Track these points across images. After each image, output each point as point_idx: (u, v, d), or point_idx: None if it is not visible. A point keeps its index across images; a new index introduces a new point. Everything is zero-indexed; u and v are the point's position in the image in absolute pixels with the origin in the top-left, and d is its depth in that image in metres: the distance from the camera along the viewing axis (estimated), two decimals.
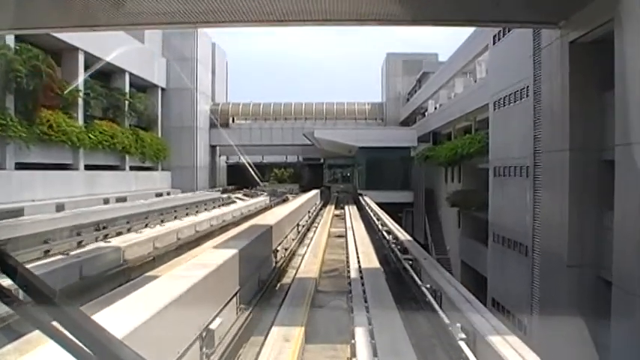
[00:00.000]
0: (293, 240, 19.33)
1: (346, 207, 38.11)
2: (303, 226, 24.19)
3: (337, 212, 37.02)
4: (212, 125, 63.55)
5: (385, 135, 44.71)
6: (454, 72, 36.09)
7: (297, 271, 14.34)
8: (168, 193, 51.50)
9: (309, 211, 28.79)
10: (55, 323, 1.26)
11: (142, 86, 52.64)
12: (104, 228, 22.07)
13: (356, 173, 52.85)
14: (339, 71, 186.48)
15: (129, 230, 21.71)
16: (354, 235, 21.69)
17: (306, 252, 17.30)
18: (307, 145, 58.88)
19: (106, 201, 39.13)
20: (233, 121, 64.64)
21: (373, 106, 63.79)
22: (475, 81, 31.73)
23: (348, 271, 14.00)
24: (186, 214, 29.41)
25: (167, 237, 19.48)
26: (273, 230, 14.21)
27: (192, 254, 15.44)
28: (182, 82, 58.04)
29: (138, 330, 4.86)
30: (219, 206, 34.81)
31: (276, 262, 14.53)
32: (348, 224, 25.71)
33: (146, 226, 23.22)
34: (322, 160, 69.05)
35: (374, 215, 26.50)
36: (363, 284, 11.59)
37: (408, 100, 58.82)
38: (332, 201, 46.08)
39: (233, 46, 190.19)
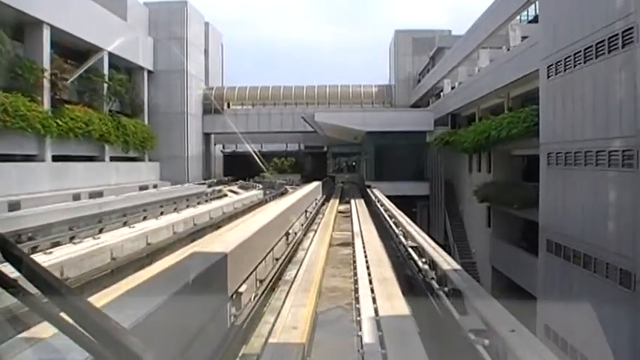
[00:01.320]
0: (276, 261, 13.50)
1: (352, 201, 32.38)
2: (296, 233, 18.43)
3: (342, 208, 31.31)
4: (205, 111, 57.86)
5: (396, 118, 38.93)
6: (478, 42, 30.13)
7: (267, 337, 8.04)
8: (155, 186, 45.93)
9: (306, 211, 22.99)
10: (61, 314, 1.25)
11: (124, 68, 46.91)
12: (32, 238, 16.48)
13: (363, 162, 46.58)
14: (342, 55, 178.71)
15: (72, 239, 15.99)
16: (363, 245, 16.03)
17: (291, 286, 11.16)
18: (309, 131, 53.07)
19: (76, 197, 33.67)
20: (229, 106, 58.78)
21: (381, 89, 57.76)
22: (508, 49, 25.87)
23: (359, 325, 8.22)
24: (161, 214, 23.93)
25: (94, 259, 13.43)
26: (234, 258, 8.51)
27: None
28: (171, 64, 52.32)
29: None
30: (200, 203, 29.12)
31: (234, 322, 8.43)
32: (356, 227, 19.98)
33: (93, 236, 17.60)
34: (325, 148, 63.05)
35: (389, 216, 20.64)
36: None
37: (419, 81, 52.80)
38: (336, 194, 40.34)
39: (230, 30, 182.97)
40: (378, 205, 24.23)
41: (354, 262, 13.89)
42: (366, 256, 14.38)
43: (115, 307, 4.69)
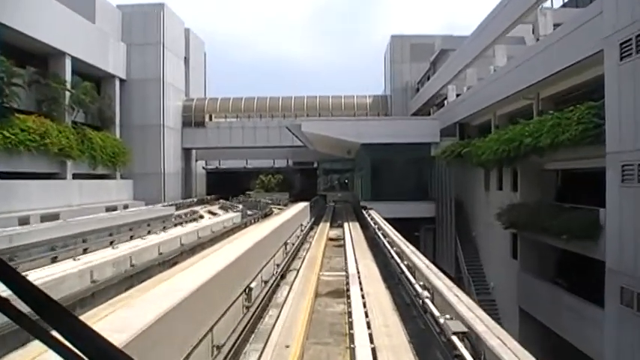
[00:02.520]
0: (217, 350, 8.18)
1: (346, 225, 27.23)
2: (267, 282, 13.09)
3: (333, 234, 26.12)
4: (185, 124, 52.62)
5: (396, 128, 33.12)
6: (494, 37, 25.09)
7: None
8: (126, 207, 40.50)
9: (286, 245, 17.66)
10: (53, 332, 1.20)
11: (92, 75, 41.76)
12: None
13: (357, 180, 40.93)
14: (334, 66, 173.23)
15: None
16: (363, 297, 10.90)
17: None
18: (298, 146, 47.87)
19: (24, 220, 28.34)
20: (210, 119, 53.55)
21: (375, 99, 52.64)
22: (537, 39, 20.88)
23: None
24: (110, 243, 18.61)
25: None
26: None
27: None
28: (147, 72, 47.19)
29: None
30: (165, 228, 23.71)
31: None
32: (351, 264, 14.71)
33: None
34: (316, 164, 57.68)
35: (396, 253, 15.33)
36: None
37: (417, 90, 47.75)
38: (327, 215, 35.13)
39: (213, 39, 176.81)
40: (379, 233, 18.94)
41: (352, 333, 8.69)
42: (368, 323, 9.21)
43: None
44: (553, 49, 17.30)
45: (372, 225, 21.51)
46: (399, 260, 12.55)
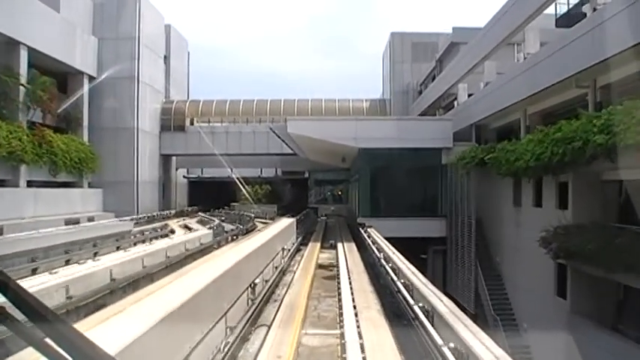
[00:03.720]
0: None
1: (340, 246, 22.02)
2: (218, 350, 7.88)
3: (324, 258, 20.86)
4: (165, 128, 47.33)
5: (401, 129, 27.06)
6: (527, 16, 19.99)
7: None
8: (91, 219, 35.11)
9: (253, 287, 12.34)
10: (47, 340, 1.21)
11: (56, 71, 36.43)
12: None
13: (354, 192, 35.29)
14: (329, 75, 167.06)
15: None
16: None
17: None
18: (287, 154, 42.66)
19: None
20: (192, 123, 48.23)
21: (373, 103, 47.36)
22: (594, 9, 15.82)
23: None
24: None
25: None
26: None
27: None
28: (120, 70, 41.96)
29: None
30: (112, 251, 18.38)
31: None
32: (349, 320, 9.46)
33: None
34: (307, 174, 52.28)
35: (413, 301, 10.05)
36: None
37: (420, 92, 42.62)
38: (317, 233, 29.87)
39: (198, 40, 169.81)
40: (387, 266, 13.59)
41: None
42: None
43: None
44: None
45: (375, 252, 16.20)
46: (435, 335, 7.20)
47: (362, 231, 22.86)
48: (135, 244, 20.13)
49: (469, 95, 30.14)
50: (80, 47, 38.95)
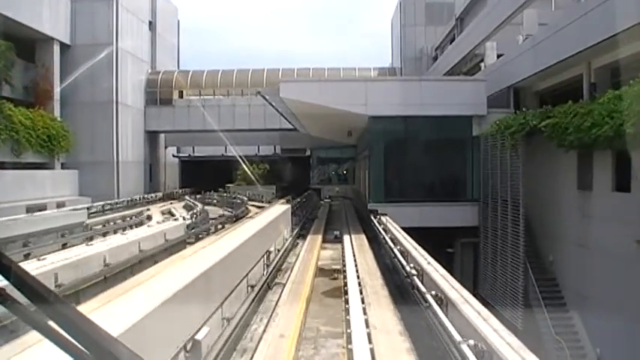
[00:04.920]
0: None
1: (346, 239, 17.19)
2: None
3: (327, 257, 16.01)
4: (151, 102, 42.28)
5: (422, 92, 21.41)
6: None
7: None
8: (61, 205, 30.32)
9: (244, 284, 7.55)
10: (51, 323, 1.21)
11: (21, 37, 31.38)
12: None
13: (362, 172, 29.72)
14: (329, 45, 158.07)
15: None
16: None
17: None
18: (287, 129, 37.64)
19: None
20: (181, 96, 43.09)
21: (382, 71, 41.82)
22: None
23: None
24: None
25: None
26: None
27: None
28: (97, 36, 36.81)
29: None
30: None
31: None
32: None
33: None
34: (309, 152, 47.05)
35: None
36: None
37: (435, 58, 37.27)
38: (320, 220, 24.92)
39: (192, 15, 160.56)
40: (421, 287, 8.62)
41: None
42: None
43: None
44: None
45: (400, 261, 11.19)
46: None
47: (375, 221, 17.89)
48: (65, 246, 15.13)
49: (498, 56, 24.86)
50: (49, 9, 33.81)
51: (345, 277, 11.89)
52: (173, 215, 27.65)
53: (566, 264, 16.16)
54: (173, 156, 47.99)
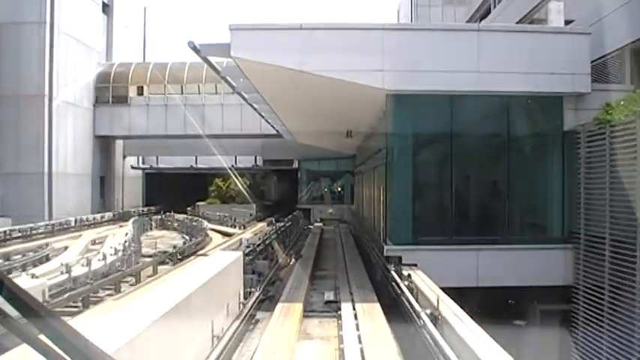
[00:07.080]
0: None
1: (346, 309, 8.49)
2: None
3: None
4: (102, 101, 33.66)
5: (480, 53, 11.17)
6: None
7: None
8: None
9: None
10: (40, 336, 1.18)
11: None
12: None
13: (367, 188, 19.60)
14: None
15: None
16: None
17: None
18: (270, 135, 29.03)
19: None
20: (141, 93, 34.50)
21: None
22: None
23: None
24: None
25: None
26: None
27: None
28: (22, 11, 28.30)
29: None
30: None
31: None
32: None
33: None
34: (296, 164, 37.99)
35: None
36: None
37: None
38: (305, 261, 16.13)
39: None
40: None
41: None
42: None
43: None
44: None
45: None
46: None
47: (398, 279, 9.33)
48: None
49: (566, 22, 16.13)
50: None
51: None
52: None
53: None
54: (132, 167, 39.00)
